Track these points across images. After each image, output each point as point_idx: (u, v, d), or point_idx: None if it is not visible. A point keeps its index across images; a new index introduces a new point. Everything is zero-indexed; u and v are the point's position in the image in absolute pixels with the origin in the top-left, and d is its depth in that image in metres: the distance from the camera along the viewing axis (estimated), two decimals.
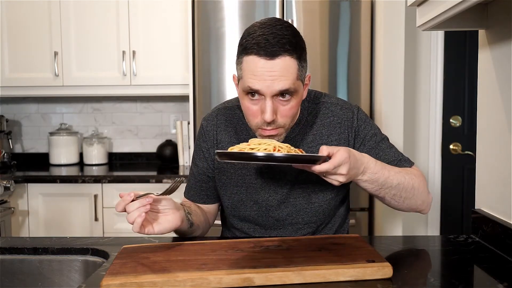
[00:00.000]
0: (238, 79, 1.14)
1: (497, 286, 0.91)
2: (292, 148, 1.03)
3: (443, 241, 1.24)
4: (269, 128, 1.10)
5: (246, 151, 0.98)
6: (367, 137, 1.24)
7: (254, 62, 1.05)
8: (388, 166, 1.15)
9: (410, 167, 1.25)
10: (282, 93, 1.07)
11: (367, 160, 1.09)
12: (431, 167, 2.79)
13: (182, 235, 1.23)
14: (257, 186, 1.24)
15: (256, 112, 1.10)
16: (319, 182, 1.20)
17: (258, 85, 1.05)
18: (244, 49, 1.07)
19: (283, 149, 0.99)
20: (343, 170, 0.99)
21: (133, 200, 1.02)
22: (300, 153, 0.99)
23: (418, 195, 1.20)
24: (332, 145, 1.22)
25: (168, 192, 1.09)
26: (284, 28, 1.07)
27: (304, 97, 1.17)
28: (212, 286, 0.90)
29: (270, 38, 1.04)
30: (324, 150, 1.00)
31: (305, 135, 1.24)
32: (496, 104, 1.18)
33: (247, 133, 1.26)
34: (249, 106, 1.11)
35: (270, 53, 1.03)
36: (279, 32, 1.05)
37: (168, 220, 1.08)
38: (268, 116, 1.07)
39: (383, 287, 0.90)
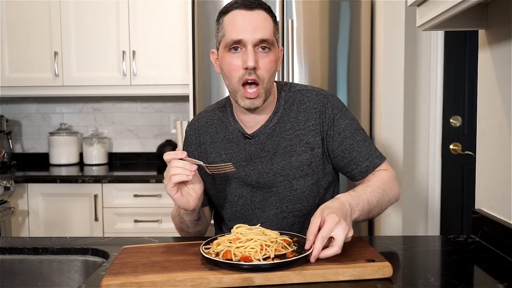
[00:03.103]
0: (220, 41, 1.19)
1: (497, 286, 0.91)
2: (279, 236, 1.01)
3: (443, 241, 1.24)
4: (250, 78, 1.14)
5: (231, 260, 0.93)
6: (342, 125, 1.25)
7: (235, 15, 1.15)
8: (361, 190, 1.16)
9: (380, 163, 1.26)
10: (262, 43, 1.14)
11: (347, 200, 1.09)
12: (431, 167, 2.78)
13: (185, 226, 1.27)
14: (240, 180, 1.27)
15: (238, 66, 1.15)
16: (299, 168, 1.24)
17: (241, 34, 1.13)
18: (224, 11, 1.18)
19: (271, 246, 0.97)
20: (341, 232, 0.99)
21: (181, 159, 1.08)
22: (287, 259, 0.93)
23: (392, 197, 1.24)
24: (308, 131, 1.24)
25: (214, 169, 1.12)
26: None
27: (278, 67, 1.22)
28: (212, 286, 0.90)
29: None
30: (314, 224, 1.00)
31: (284, 123, 1.25)
32: (496, 104, 1.18)
33: (227, 130, 1.29)
34: (231, 61, 1.16)
35: (249, 6, 1.15)
36: None
37: (187, 200, 1.13)
38: (250, 61, 1.12)
39: (383, 286, 0.90)
